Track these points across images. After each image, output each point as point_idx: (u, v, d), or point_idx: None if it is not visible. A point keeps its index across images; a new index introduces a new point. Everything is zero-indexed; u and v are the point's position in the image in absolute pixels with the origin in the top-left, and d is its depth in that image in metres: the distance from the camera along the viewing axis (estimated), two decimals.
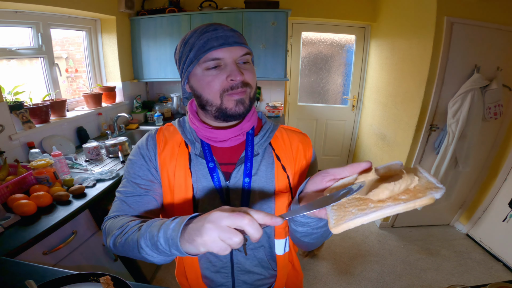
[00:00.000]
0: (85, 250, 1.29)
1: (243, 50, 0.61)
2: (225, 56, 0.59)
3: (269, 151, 0.69)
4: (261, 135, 0.69)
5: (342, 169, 0.47)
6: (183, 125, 0.72)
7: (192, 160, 0.67)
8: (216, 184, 0.65)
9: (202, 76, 0.61)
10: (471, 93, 1.85)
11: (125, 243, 0.54)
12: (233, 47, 0.59)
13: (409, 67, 2.17)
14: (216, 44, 0.58)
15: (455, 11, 1.80)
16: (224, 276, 0.73)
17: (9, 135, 1.50)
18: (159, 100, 3.00)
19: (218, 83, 0.60)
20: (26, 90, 1.70)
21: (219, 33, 0.59)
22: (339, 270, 2.04)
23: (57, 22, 1.94)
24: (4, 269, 0.80)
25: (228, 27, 0.61)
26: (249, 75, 0.62)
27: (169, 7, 2.43)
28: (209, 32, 0.59)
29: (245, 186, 0.65)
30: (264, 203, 0.67)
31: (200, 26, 0.62)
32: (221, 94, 0.60)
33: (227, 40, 0.59)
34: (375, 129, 2.78)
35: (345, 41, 3.03)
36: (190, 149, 0.68)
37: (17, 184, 1.27)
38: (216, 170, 0.66)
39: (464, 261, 2.13)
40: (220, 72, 0.60)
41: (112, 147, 1.75)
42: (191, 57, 0.60)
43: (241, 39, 0.62)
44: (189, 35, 0.62)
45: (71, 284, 0.69)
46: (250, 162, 0.66)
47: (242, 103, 0.61)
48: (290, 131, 0.73)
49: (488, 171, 2.28)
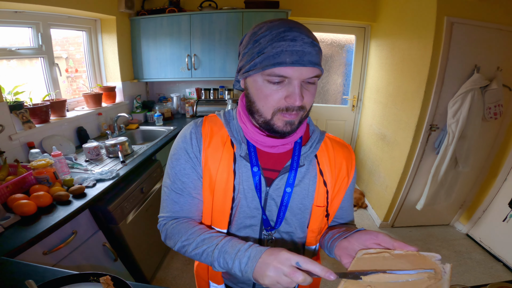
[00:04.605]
0: (85, 250, 1.29)
1: (314, 72, 0.54)
2: (293, 76, 0.53)
3: (314, 164, 0.67)
4: (308, 145, 0.66)
5: (391, 241, 0.53)
6: (229, 120, 0.68)
7: (236, 160, 0.65)
8: (256, 189, 0.64)
9: (261, 85, 0.56)
10: (471, 93, 1.85)
11: (195, 256, 0.61)
12: (305, 68, 0.53)
13: (409, 67, 2.17)
14: (288, 60, 0.52)
15: (455, 11, 1.80)
16: None
17: (9, 135, 1.50)
18: (159, 100, 3.00)
19: (275, 100, 0.56)
20: (26, 90, 1.70)
21: (296, 46, 0.52)
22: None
23: (57, 22, 1.94)
24: (4, 269, 0.80)
25: (309, 38, 0.53)
26: (309, 98, 0.57)
27: (169, 7, 2.43)
28: (286, 41, 0.52)
29: (286, 196, 0.65)
30: (300, 214, 0.67)
31: (278, 24, 0.54)
32: (274, 111, 0.57)
33: (302, 58, 0.52)
34: (375, 129, 2.78)
35: (345, 41, 3.04)
36: (235, 149, 0.65)
37: (17, 184, 1.27)
38: (259, 175, 0.64)
39: (464, 261, 2.13)
40: (281, 88, 0.55)
41: (112, 147, 1.75)
42: (256, 61, 0.55)
43: (317, 58, 0.55)
44: (263, 33, 0.54)
45: (71, 284, 0.69)
46: (295, 173, 0.64)
47: (291, 124, 0.58)
48: (335, 143, 0.70)
49: (488, 171, 2.28)
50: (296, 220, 0.68)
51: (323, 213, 0.67)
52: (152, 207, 1.81)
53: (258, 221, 0.67)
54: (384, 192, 2.53)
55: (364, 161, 3.05)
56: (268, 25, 0.55)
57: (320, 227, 0.69)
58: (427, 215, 2.49)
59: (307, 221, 0.68)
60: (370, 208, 2.81)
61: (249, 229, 0.68)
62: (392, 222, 2.54)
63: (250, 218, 0.67)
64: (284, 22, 0.54)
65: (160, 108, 2.68)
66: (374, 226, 2.58)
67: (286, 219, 0.67)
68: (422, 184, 2.26)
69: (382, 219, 2.54)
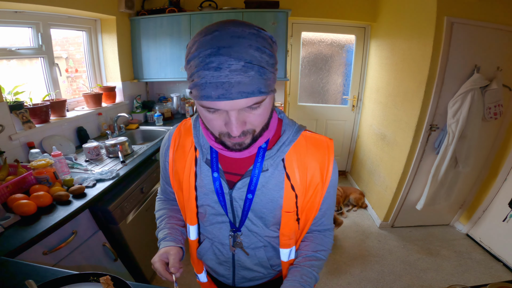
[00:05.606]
0: (85, 250, 1.29)
1: (250, 102, 0.48)
2: (224, 107, 0.48)
3: (280, 168, 0.63)
4: (275, 149, 0.62)
5: None
6: (196, 125, 0.68)
7: (198, 164, 0.67)
8: (217, 193, 0.65)
9: (201, 110, 0.52)
10: (471, 93, 1.85)
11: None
12: (237, 100, 0.47)
13: (409, 67, 2.17)
14: (214, 94, 0.46)
15: (455, 11, 1.80)
16: (226, 268, 0.78)
17: (9, 135, 1.50)
18: (159, 100, 3.00)
19: (216, 126, 0.53)
20: (26, 90, 1.70)
21: (221, 77, 0.44)
22: (339, 270, 2.04)
23: (57, 22, 1.94)
24: (4, 269, 0.80)
25: (239, 61, 0.44)
26: (256, 119, 0.53)
27: (169, 7, 2.43)
28: (209, 70, 0.45)
29: (247, 202, 0.64)
30: (264, 218, 0.67)
31: (208, 41, 0.46)
32: (220, 133, 0.55)
33: (228, 90, 0.45)
34: (375, 129, 2.78)
35: (345, 41, 3.03)
36: (198, 154, 0.67)
37: (17, 184, 1.27)
38: (219, 180, 0.65)
39: (464, 261, 2.13)
40: (219, 116, 0.51)
41: (112, 147, 1.75)
42: (190, 86, 0.50)
43: (253, 85, 0.46)
44: (193, 52, 0.47)
45: (71, 284, 0.69)
46: (256, 179, 0.62)
47: (241, 145, 0.56)
48: (311, 143, 0.64)
49: (488, 171, 2.28)
50: (261, 221, 0.68)
51: (293, 218, 0.66)
52: (152, 207, 1.79)
53: (227, 219, 0.70)
54: (384, 192, 2.53)
55: (364, 161, 3.05)
56: (200, 41, 0.47)
57: (293, 231, 0.68)
58: (427, 215, 2.49)
59: (275, 224, 0.69)
60: (370, 208, 2.81)
61: (223, 224, 0.71)
62: (392, 222, 2.54)
63: (220, 216, 0.70)
64: (215, 39, 0.45)
65: (160, 108, 2.68)
66: (374, 226, 2.58)
67: (251, 220, 0.68)
68: (422, 184, 2.26)
69: (382, 219, 2.54)
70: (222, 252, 0.75)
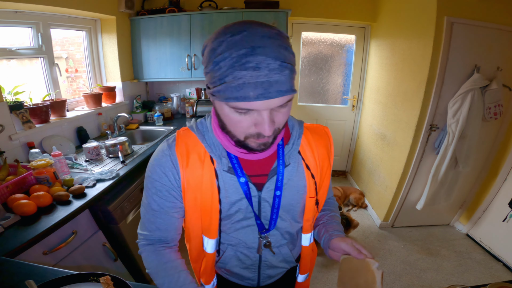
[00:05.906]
0: (85, 250, 1.29)
1: (284, 100, 0.49)
2: (260, 107, 0.48)
3: (299, 160, 0.67)
4: (290, 143, 0.66)
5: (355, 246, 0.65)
6: (204, 133, 0.64)
7: (219, 176, 0.62)
8: (247, 197, 0.64)
9: (228, 112, 0.51)
10: (471, 93, 1.85)
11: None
12: (273, 99, 0.47)
13: (409, 67, 2.17)
14: (252, 94, 0.45)
15: (455, 11, 1.80)
16: (252, 271, 0.78)
17: (9, 135, 1.50)
18: (159, 100, 3.00)
19: (244, 127, 0.52)
20: (26, 90, 1.70)
21: (261, 76, 0.44)
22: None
23: (57, 22, 1.94)
24: (4, 269, 0.80)
25: (276, 61, 0.45)
26: (281, 119, 0.53)
27: (169, 7, 2.43)
28: (248, 70, 0.44)
29: (277, 199, 0.66)
30: (292, 209, 0.70)
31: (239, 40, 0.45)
32: (246, 136, 0.54)
33: (268, 89, 0.45)
34: (375, 129, 2.78)
35: (345, 41, 3.03)
36: (216, 164, 0.62)
37: (17, 184, 1.27)
38: (247, 184, 0.63)
39: (464, 261, 2.13)
40: (249, 116, 0.50)
41: (112, 147, 1.75)
42: (219, 89, 0.48)
43: (288, 83, 0.48)
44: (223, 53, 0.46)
45: (71, 284, 0.69)
46: (282, 175, 0.64)
47: (265, 145, 0.56)
48: (314, 132, 0.70)
49: (488, 171, 2.28)
50: (289, 215, 0.70)
51: (314, 202, 0.70)
52: None
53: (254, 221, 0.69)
54: (384, 192, 2.53)
55: (364, 161, 3.05)
56: (228, 41, 0.46)
57: (313, 215, 0.74)
58: (427, 215, 2.49)
59: (300, 213, 0.71)
60: (370, 208, 2.81)
61: (248, 228, 0.69)
62: (392, 222, 2.54)
63: (246, 220, 0.68)
64: (246, 39, 0.45)
65: (160, 108, 2.68)
66: (374, 226, 2.58)
67: (280, 216, 0.69)
68: (422, 184, 2.26)
69: (382, 219, 2.54)
70: (249, 256, 0.74)
